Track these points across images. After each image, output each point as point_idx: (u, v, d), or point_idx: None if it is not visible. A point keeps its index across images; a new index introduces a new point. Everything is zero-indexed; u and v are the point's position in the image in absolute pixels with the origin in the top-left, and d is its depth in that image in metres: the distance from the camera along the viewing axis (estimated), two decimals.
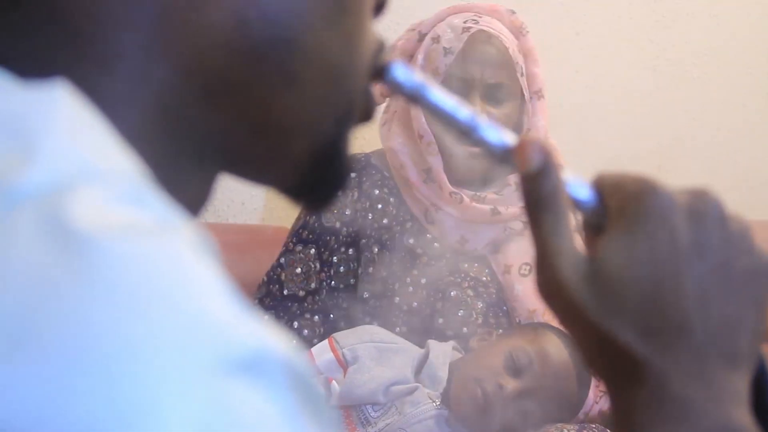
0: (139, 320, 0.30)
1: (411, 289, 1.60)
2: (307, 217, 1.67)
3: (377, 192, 1.68)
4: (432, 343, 1.52)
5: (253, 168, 0.46)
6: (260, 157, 0.45)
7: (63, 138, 0.33)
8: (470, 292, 1.61)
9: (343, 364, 1.47)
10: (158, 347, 0.29)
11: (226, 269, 0.34)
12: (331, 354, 1.48)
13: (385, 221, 1.65)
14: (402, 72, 0.50)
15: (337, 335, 1.52)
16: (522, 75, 1.63)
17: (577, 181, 0.51)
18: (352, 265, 1.63)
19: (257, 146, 0.44)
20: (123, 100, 0.39)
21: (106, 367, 0.29)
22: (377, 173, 1.70)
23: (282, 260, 1.65)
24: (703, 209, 0.49)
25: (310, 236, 1.64)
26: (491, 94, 1.61)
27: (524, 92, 1.64)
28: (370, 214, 1.66)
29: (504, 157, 0.51)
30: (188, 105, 0.41)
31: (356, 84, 0.47)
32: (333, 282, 1.63)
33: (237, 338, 0.31)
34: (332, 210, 1.64)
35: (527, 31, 1.67)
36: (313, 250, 1.63)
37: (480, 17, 1.63)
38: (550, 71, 2.31)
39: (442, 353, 1.49)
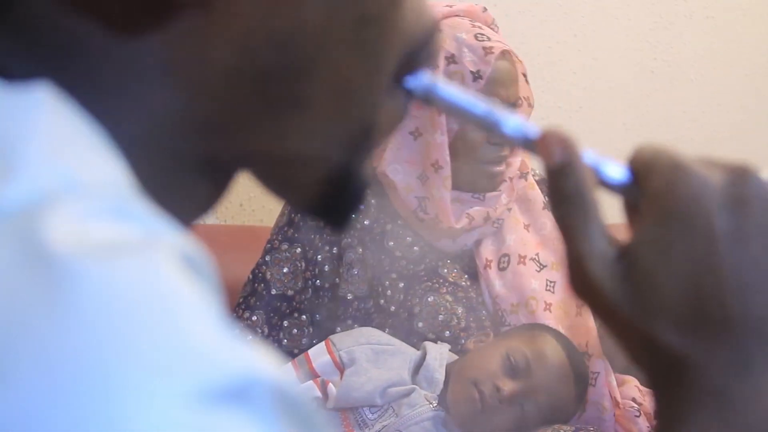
0: (117, 348, 0.28)
1: (389, 292, 1.60)
2: (292, 215, 1.66)
3: None
4: (428, 345, 1.52)
5: (267, 187, 0.45)
6: (271, 182, 0.44)
7: (44, 148, 0.32)
8: (449, 297, 1.60)
9: (340, 367, 1.47)
10: (137, 377, 0.28)
11: (219, 275, 0.33)
12: (328, 356, 1.48)
13: (366, 222, 1.64)
14: (446, 89, 0.48)
15: (334, 337, 1.52)
16: (521, 106, 1.65)
17: (609, 162, 0.48)
18: (335, 264, 1.62)
19: (264, 174, 0.44)
20: (122, 119, 0.38)
21: (82, 400, 0.27)
22: None
23: (267, 258, 1.63)
24: (741, 191, 0.45)
25: (296, 234, 1.63)
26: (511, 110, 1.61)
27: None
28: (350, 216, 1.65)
29: (528, 148, 0.48)
30: (191, 130, 0.40)
31: (374, 106, 0.44)
32: (318, 281, 1.62)
33: (222, 364, 0.29)
34: None
35: (497, 27, 1.68)
36: (299, 249, 1.62)
37: (482, 29, 1.61)
38: (548, 73, 2.31)
39: (439, 355, 1.49)
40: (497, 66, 1.58)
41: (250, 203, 2.16)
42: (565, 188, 0.46)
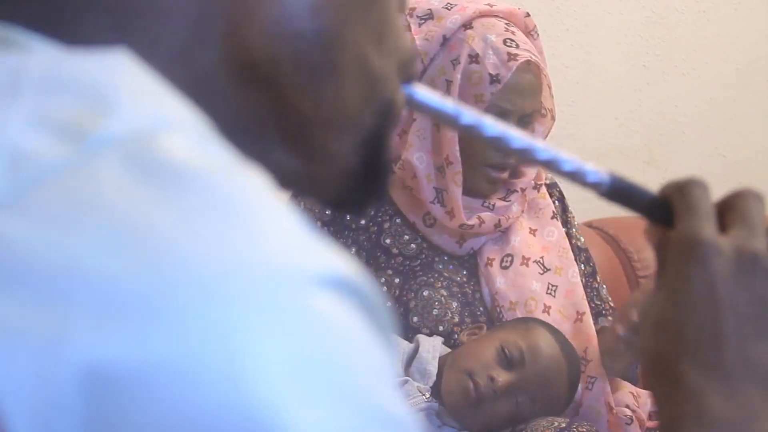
0: (243, 243, 0.32)
1: (384, 288, 1.60)
2: None
3: None
4: (421, 338, 1.53)
5: (292, 170, 0.46)
6: (301, 154, 0.46)
7: (135, 94, 0.35)
8: (444, 292, 1.60)
9: None
10: (258, 270, 0.31)
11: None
12: None
13: (362, 222, 1.65)
14: (428, 96, 0.53)
15: None
16: (543, 116, 1.65)
17: (644, 192, 0.57)
18: None
19: (298, 142, 0.45)
20: (164, 76, 0.39)
21: (211, 292, 0.30)
22: None
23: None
24: (750, 257, 0.54)
25: None
26: (523, 121, 1.59)
27: (535, 129, 1.64)
28: (347, 215, 1.65)
29: (506, 153, 0.55)
30: (230, 90, 0.42)
31: (391, 81, 0.48)
32: None
33: (320, 260, 0.33)
34: (313, 210, 1.63)
35: (537, 34, 1.65)
36: (332, 246, 1.63)
37: (514, 35, 1.59)
38: None
39: (432, 348, 1.50)
40: (518, 74, 1.56)
41: None
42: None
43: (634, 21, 2.46)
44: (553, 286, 1.63)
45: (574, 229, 1.76)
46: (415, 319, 1.58)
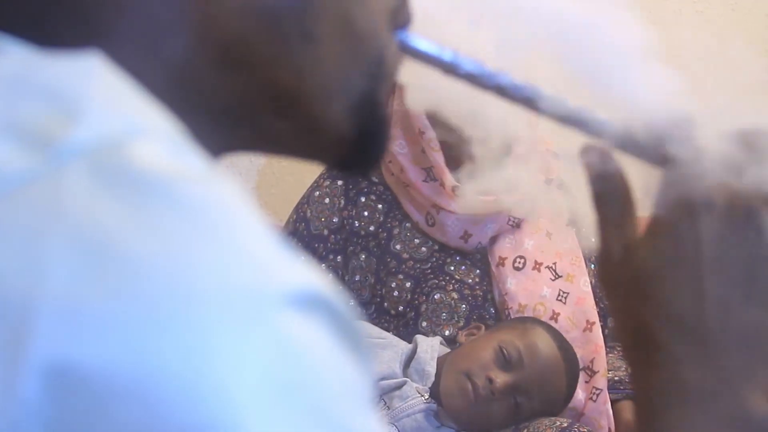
0: (210, 259, 0.31)
1: (396, 293, 1.60)
2: (297, 224, 1.66)
3: (363, 199, 1.67)
4: (420, 338, 1.53)
5: (287, 139, 0.46)
6: (291, 128, 0.45)
7: (106, 100, 0.34)
8: (455, 295, 1.60)
9: None
10: (224, 286, 0.31)
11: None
12: None
13: (371, 228, 1.65)
14: (423, 43, 0.49)
15: None
16: None
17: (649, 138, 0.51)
18: (340, 272, 1.63)
19: (285, 117, 0.44)
20: (138, 72, 0.39)
21: (176, 306, 0.30)
22: (363, 181, 1.68)
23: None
24: (744, 211, 0.48)
25: (299, 243, 1.64)
26: None
27: None
28: (356, 222, 1.65)
29: (503, 96, 0.51)
30: (207, 74, 0.41)
31: (380, 38, 0.46)
32: None
33: (290, 276, 0.32)
34: (320, 218, 1.64)
35: None
36: (302, 258, 1.62)
37: None
38: None
39: (430, 348, 1.50)
40: None
41: None
42: (604, 191, 0.51)
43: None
44: (564, 293, 1.63)
45: (585, 230, 1.75)
46: (424, 324, 1.58)
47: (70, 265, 0.30)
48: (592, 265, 1.70)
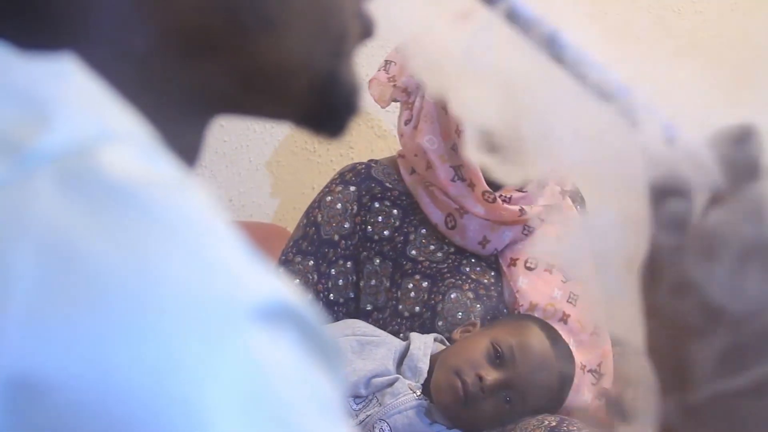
0: (177, 272, 0.31)
1: (413, 294, 1.59)
2: (307, 228, 1.65)
3: (377, 205, 1.65)
4: (413, 335, 1.53)
5: (255, 112, 0.46)
6: (257, 103, 0.45)
7: (76, 105, 0.34)
8: (470, 295, 1.59)
9: None
10: (190, 299, 0.30)
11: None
12: None
13: (386, 233, 1.64)
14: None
15: None
16: None
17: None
18: (351, 278, 1.62)
19: (251, 95, 0.44)
20: (105, 68, 0.39)
21: (140, 318, 0.30)
22: (377, 186, 1.67)
23: (280, 270, 1.62)
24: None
25: (309, 248, 1.62)
26: None
27: None
28: (369, 227, 1.63)
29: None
30: (172, 65, 0.41)
31: (345, 13, 0.46)
32: (331, 295, 1.61)
33: (258, 287, 0.32)
34: (331, 223, 1.63)
35: None
36: (311, 262, 1.62)
37: None
38: None
39: (423, 345, 1.49)
40: None
41: (240, 198, 2.17)
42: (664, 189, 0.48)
43: (631, 22, 2.46)
44: (574, 295, 1.62)
45: None
46: (440, 323, 1.58)
47: (34, 277, 0.30)
48: None
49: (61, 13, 0.39)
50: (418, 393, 1.44)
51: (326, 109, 0.47)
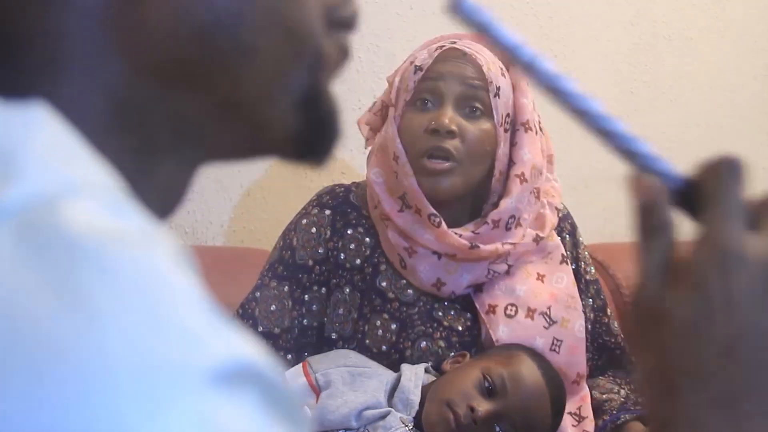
0: (130, 334, 0.30)
1: (380, 332, 1.56)
2: (283, 251, 1.62)
3: (350, 231, 1.62)
4: (404, 367, 1.52)
5: (236, 148, 0.46)
6: (239, 135, 0.45)
7: (43, 157, 0.34)
8: (442, 344, 1.56)
9: (316, 389, 1.47)
10: (140, 363, 0.30)
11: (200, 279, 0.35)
12: (304, 378, 1.48)
13: (357, 262, 1.60)
14: (470, 7, 0.50)
15: (311, 359, 1.52)
16: (496, 96, 1.55)
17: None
18: (324, 304, 1.59)
19: (232, 125, 0.44)
20: (80, 107, 0.39)
21: (91, 386, 0.29)
22: (353, 212, 1.63)
23: (257, 294, 1.60)
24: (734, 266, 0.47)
25: (285, 272, 1.60)
26: (464, 108, 1.55)
27: (494, 114, 1.56)
28: (342, 254, 1.60)
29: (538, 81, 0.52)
30: (148, 99, 0.41)
31: (317, 33, 0.46)
32: (305, 320, 1.59)
33: (217, 350, 0.31)
34: (306, 248, 1.60)
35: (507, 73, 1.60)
36: (286, 288, 1.59)
37: (460, 39, 1.59)
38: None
39: (414, 376, 1.48)
40: (446, 62, 1.56)
41: (231, 224, 2.16)
42: (649, 223, 0.51)
43: (621, 47, 2.47)
44: (558, 341, 1.58)
45: (583, 263, 1.71)
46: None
47: None
48: (592, 300, 1.69)
49: (32, 49, 0.39)
50: (410, 426, 1.43)
51: (310, 126, 0.47)
